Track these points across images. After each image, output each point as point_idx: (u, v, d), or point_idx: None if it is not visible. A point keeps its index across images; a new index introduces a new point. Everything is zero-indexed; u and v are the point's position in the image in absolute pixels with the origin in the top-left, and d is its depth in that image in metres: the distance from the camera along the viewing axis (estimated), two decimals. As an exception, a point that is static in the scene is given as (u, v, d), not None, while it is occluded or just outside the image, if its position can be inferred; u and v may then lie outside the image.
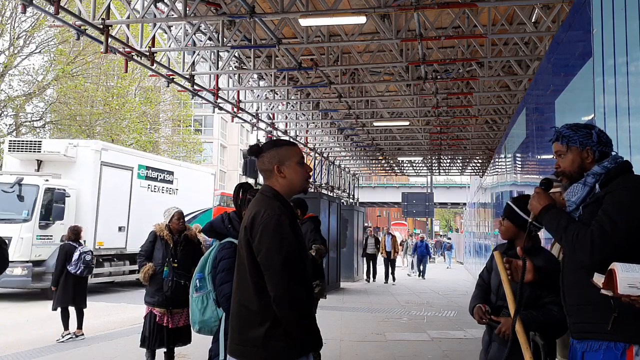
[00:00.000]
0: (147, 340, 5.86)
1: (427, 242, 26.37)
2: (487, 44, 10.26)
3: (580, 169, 2.37)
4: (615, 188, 2.20)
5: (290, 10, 8.51)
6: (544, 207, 2.39)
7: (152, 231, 6.05)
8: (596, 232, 2.12)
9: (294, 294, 2.34)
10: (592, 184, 2.29)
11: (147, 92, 34.20)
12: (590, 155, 2.35)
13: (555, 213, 2.35)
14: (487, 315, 2.99)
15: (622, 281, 1.90)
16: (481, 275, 3.30)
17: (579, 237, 2.17)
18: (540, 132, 7.82)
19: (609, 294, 1.95)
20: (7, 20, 26.36)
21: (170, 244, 5.90)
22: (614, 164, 2.29)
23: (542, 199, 2.42)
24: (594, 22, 4.44)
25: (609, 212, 2.14)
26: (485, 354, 3.11)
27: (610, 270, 1.94)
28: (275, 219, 2.39)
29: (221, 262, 3.37)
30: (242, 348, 2.45)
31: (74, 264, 7.83)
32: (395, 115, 15.90)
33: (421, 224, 67.53)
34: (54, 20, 9.04)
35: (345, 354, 7.14)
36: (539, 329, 2.80)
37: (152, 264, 5.88)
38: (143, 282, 5.95)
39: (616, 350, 2.09)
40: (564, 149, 2.40)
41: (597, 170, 2.30)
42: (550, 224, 2.35)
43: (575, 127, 2.41)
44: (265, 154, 2.57)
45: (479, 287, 3.25)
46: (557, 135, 2.43)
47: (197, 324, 3.47)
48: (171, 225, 5.99)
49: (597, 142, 2.35)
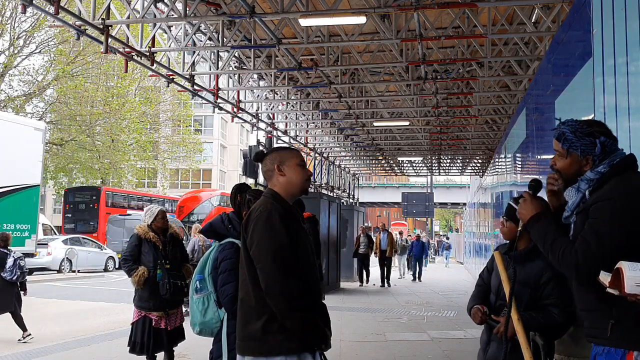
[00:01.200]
0: (139, 346, 5.66)
1: (425, 240, 24.85)
2: (487, 44, 10.26)
3: (576, 174, 2.29)
4: (601, 198, 2.12)
5: (290, 10, 8.51)
6: (532, 217, 2.32)
7: (135, 234, 5.78)
8: (581, 251, 2.08)
9: (285, 287, 2.38)
10: (584, 190, 2.21)
11: (147, 92, 34.23)
12: (590, 164, 2.25)
13: (542, 225, 2.28)
14: (486, 315, 2.99)
15: (629, 280, 1.88)
16: (481, 275, 3.30)
17: (564, 255, 2.12)
18: (540, 132, 7.81)
19: (615, 293, 1.94)
20: (7, 20, 26.36)
21: (159, 245, 5.69)
22: (608, 167, 2.19)
23: (529, 207, 2.35)
24: (594, 22, 4.44)
25: (594, 227, 2.09)
26: (483, 353, 3.11)
27: (617, 269, 1.93)
28: (266, 213, 2.48)
29: (222, 263, 3.36)
30: (244, 343, 2.51)
31: (9, 271, 7.74)
32: (395, 115, 15.91)
33: (421, 224, 67.54)
34: (54, 20, 9.05)
35: (345, 354, 7.13)
36: (538, 330, 2.80)
37: (145, 269, 5.62)
38: (136, 287, 5.67)
39: (616, 355, 2.08)
40: (564, 152, 2.30)
41: (590, 176, 2.21)
42: (537, 237, 2.29)
43: (580, 132, 2.26)
44: (267, 157, 2.70)
45: (478, 287, 3.25)
46: (559, 134, 2.32)
47: (197, 325, 3.44)
48: (155, 225, 5.76)
49: (600, 153, 2.23)
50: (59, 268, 20.16)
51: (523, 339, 2.60)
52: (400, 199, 30.31)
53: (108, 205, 28.43)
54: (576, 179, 2.28)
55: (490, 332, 3.04)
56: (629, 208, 2.07)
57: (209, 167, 49.08)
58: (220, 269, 3.36)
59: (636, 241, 2.05)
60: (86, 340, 7.92)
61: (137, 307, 5.76)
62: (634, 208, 2.07)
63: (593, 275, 2.03)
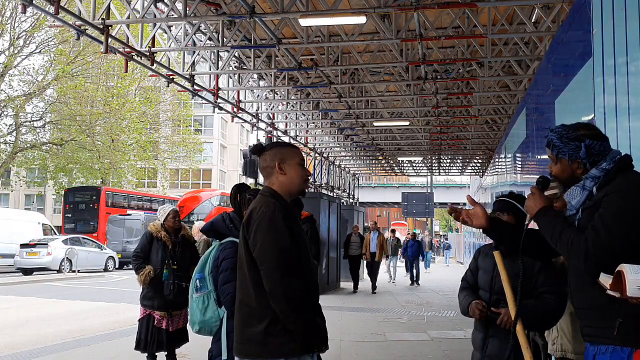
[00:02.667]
0: (144, 343, 5.71)
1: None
2: (487, 44, 10.26)
3: (572, 178, 2.34)
4: (612, 191, 2.16)
5: (290, 10, 8.51)
6: (540, 210, 2.35)
7: (148, 231, 5.83)
8: (590, 239, 2.09)
9: (289, 288, 2.36)
10: (591, 187, 2.25)
11: (147, 92, 34.21)
12: (581, 167, 2.31)
13: (551, 217, 2.31)
14: (485, 309, 2.94)
15: (631, 283, 1.88)
16: (465, 278, 3.24)
17: (573, 244, 2.14)
18: (540, 132, 7.82)
19: (616, 295, 1.94)
20: (7, 20, 26.39)
21: (168, 245, 5.72)
22: (611, 164, 2.24)
23: (538, 200, 2.38)
24: (594, 22, 4.44)
25: (604, 217, 2.11)
26: (481, 351, 3.01)
27: (618, 272, 1.93)
28: (269, 214, 2.43)
29: (224, 262, 3.37)
30: (243, 346, 2.48)
31: None
32: (395, 115, 15.91)
33: (421, 224, 67.54)
34: (54, 20, 9.04)
35: (345, 354, 7.13)
36: (536, 318, 2.79)
37: (151, 268, 5.67)
38: (142, 285, 5.74)
39: (622, 353, 2.08)
40: (554, 158, 2.39)
41: (595, 173, 2.25)
42: (545, 228, 2.32)
43: (566, 137, 2.34)
44: (268, 152, 2.63)
45: (465, 289, 3.18)
46: (547, 142, 2.41)
47: (197, 324, 3.44)
48: (166, 224, 5.78)
49: (585, 157, 2.30)
50: (59, 268, 20.15)
51: (523, 339, 2.60)
52: (400, 199, 30.30)
53: (108, 205, 28.43)
54: (573, 182, 2.33)
55: (486, 330, 2.97)
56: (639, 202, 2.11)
57: (209, 167, 49.07)
58: (222, 267, 3.37)
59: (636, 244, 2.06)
60: (86, 340, 7.92)
61: (142, 305, 5.82)
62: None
63: (601, 265, 2.04)
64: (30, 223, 24.19)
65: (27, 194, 49.61)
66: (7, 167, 29.58)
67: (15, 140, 29.00)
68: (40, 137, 30.66)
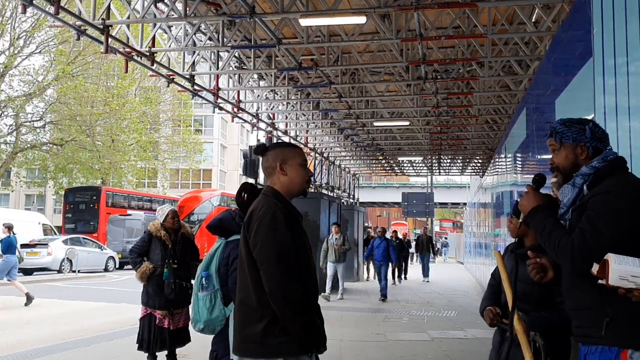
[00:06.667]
0: (147, 343, 5.72)
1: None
2: (487, 44, 10.26)
3: (574, 166, 2.33)
4: (600, 192, 2.15)
5: (290, 10, 8.51)
6: (532, 209, 2.35)
7: (148, 230, 5.85)
8: (577, 240, 2.09)
9: (289, 289, 2.36)
10: (581, 185, 2.24)
11: (147, 92, 34.23)
12: (585, 152, 2.30)
13: (541, 216, 2.31)
14: (498, 317, 2.97)
15: (613, 272, 1.92)
16: (493, 274, 3.27)
17: (560, 244, 2.14)
18: (541, 132, 7.81)
19: (603, 283, 1.96)
20: (7, 21, 26.40)
21: (168, 244, 5.73)
22: (603, 162, 2.24)
23: (531, 199, 2.38)
24: (594, 22, 4.43)
25: (591, 218, 2.11)
26: (496, 354, 3.05)
27: (605, 260, 1.95)
28: (270, 214, 2.44)
29: (236, 261, 3.34)
30: (243, 345, 2.49)
31: None
32: (395, 115, 15.91)
33: (421, 224, 67.50)
34: (54, 20, 9.05)
35: (345, 354, 7.13)
36: (552, 331, 2.77)
37: (149, 264, 5.69)
38: (140, 282, 5.77)
39: (610, 353, 2.09)
40: (557, 145, 2.36)
41: (585, 171, 2.25)
42: (536, 227, 2.33)
43: (569, 122, 2.36)
44: (270, 152, 2.65)
45: (491, 287, 3.22)
46: (550, 131, 2.40)
47: (202, 322, 3.40)
48: (165, 224, 5.79)
49: (590, 138, 2.29)
50: (59, 268, 20.13)
51: (523, 339, 2.60)
52: (401, 199, 30.32)
53: (108, 205, 28.43)
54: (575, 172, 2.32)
55: (503, 334, 3.00)
56: (626, 203, 2.10)
57: (209, 167, 49.06)
58: (233, 266, 3.31)
59: (630, 236, 2.07)
60: (86, 340, 7.92)
61: (143, 304, 5.82)
62: (630, 204, 2.10)
63: (587, 266, 2.04)
64: (30, 223, 24.17)
65: (28, 194, 49.63)
66: (7, 167, 29.60)
67: (15, 141, 29.03)
68: (40, 138, 30.69)
